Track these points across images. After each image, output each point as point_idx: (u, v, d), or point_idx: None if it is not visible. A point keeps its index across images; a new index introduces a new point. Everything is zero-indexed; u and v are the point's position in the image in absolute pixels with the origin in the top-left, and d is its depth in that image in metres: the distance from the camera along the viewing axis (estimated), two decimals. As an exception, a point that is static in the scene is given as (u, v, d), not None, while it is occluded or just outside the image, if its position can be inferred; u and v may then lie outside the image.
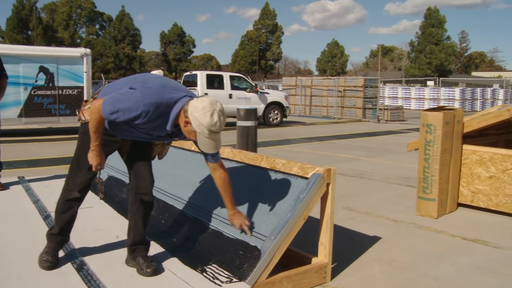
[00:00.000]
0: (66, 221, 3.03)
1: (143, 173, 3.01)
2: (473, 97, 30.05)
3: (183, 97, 2.66)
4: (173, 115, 2.64)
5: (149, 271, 2.87)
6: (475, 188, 4.94)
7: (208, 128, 2.53)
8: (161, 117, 2.63)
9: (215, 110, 2.55)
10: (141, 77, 2.81)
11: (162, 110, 2.60)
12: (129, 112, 2.55)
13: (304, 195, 2.91)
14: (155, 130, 2.74)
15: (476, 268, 3.47)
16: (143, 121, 2.60)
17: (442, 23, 62.36)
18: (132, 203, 3.04)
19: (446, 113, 4.69)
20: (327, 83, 23.30)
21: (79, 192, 2.98)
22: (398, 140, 12.69)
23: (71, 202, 3.00)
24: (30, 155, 9.01)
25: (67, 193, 3.00)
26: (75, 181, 2.97)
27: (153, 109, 2.56)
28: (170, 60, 72.69)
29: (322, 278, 3.10)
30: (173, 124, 2.67)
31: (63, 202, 3.01)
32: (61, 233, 3.06)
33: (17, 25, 56.83)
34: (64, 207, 3.01)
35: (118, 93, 2.64)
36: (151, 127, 2.69)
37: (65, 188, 3.02)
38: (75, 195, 2.98)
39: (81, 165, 2.94)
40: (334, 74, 66.46)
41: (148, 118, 2.58)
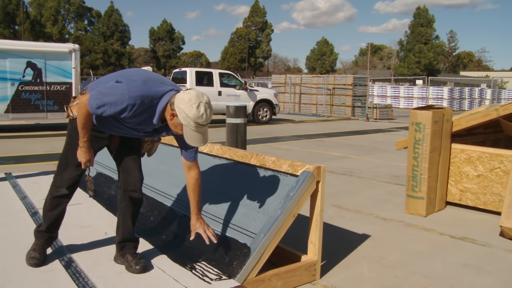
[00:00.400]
0: (54, 218, 3.00)
1: (132, 170, 2.99)
2: (461, 96, 30.28)
3: (170, 91, 2.64)
4: (159, 108, 2.62)
5: (138, 268, 2.85)
6: (463, 186, 4.98)
7: (194, 120, 2.49)
8: (147, 110, 2.61)
9: (201, 102, 2.52)
10: (127, 71, 2.79)
11: (148, 103, 2.58)
12: (115, 105, 2.52)
13: (293, 193, 2.91)
14: (142, 125, 2.71)
15: (464, 266, 3.49)
16: (129, 115, 2.57)
17: (431, 22, 62.73)
18: (121, 200, 3.02)
19: (435, 112, 4.71)
20: (317, 81, 23.33)
21: (67, 189, 2.96)
22: (387, 138, 12.75)
23: (59, 199, 2.98)
24: (17, 151, 8.92)
25: (55, 190, 2.97)
26: (63, 178, 2.94)
27: (139, 102, 2.54)
28: (159, 57, 72.35)
29: (312, 276, 3.10)
30: (160, 118, 2.65)
31: (51, 199, 2.98)
32: (49, 230, 3.02)
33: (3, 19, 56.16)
34: (52, 204, 2.98)
35: (104, 87, 2.62)
36: (138, 121, 2.66)
37: (53, 185, 2.99)
38: (63, 192, 2.96)
39: (70, 161, 2.91)
40: (323, 72, 66.58)
41: (134, 111, 2.55)
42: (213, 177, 3.63)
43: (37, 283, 2.67)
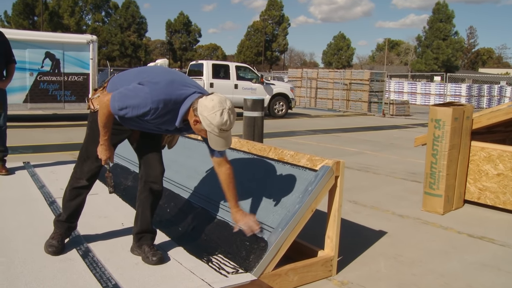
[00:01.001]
0: (73, 208, 3.02)
1: (153, 162, 3.00)
2: (480, 93, 29.85)
3: (193, 94, 2.64)
4: (182, 112, 2.62)
5: (155, 259, 2.86)
6: (482, 185, 4.91)
7: (218, 127, 2.51)
8: (170, 113, 2.62)
9: (224, 108, 2.51)
10: (150, 71, 2.78)
11: (171, 106, 2.59)
12: (138, 108, 2.53)
13: (312, 188, 2.89)
14: (164, 125, 2.72)
15: (482, 266, 3.44)
16: (152, 117, 2.59)
17: (450, 18, 62.03)
18: (141, 191, 3.02)
19: (455, 109, 4.64)
20: (333, 75, 23.18)
21: (87, 180, 2.98)
22: (404, 135, 12.64)
23: (79, 190, 3.00)
24: (35, 140, 9.01)
25: (75, 181, 2.99)
26: (83, 169, 2.96)
27: (162, 106, 2.54)
28: (176, 49, 72.58)
29: (328, 271, 3.08)
30: (182, 120, 2.66)
31: (70, 189, 3.01)
32: (69, 220, 3.05)
33: (23, 10, 56.80)
34: (72, 195, 3.00)
35: (126, 88, 2.62)
36: (160, 122, 2.67)
37: (73, 176, 3.01)
38: (83, 183, 2.98)
39: (90, 154, 2.93)
40: (339, 67, 66.25)
41: (157, 114, 2.57)
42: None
43: (54, 272, 2.69)
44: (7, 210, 3.85)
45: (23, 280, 2.57)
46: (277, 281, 2.80)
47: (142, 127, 2.84)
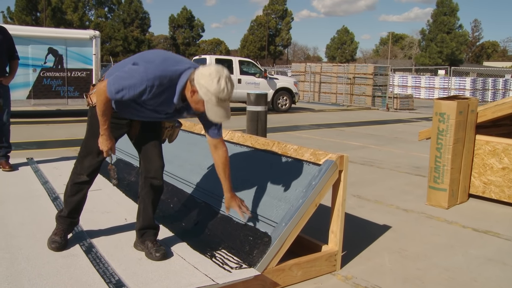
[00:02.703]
0: (75, 203, 3.01)
1: (153, 156, 2.97)
2: (484, 87, 29.69)
3: (188, 69, 2.60)
4: (179, 87, 2.58)
5: (158, 255, 2.85)
6: (487, 179, 4.88)
7: (215, 95, 2.45)
8: (167, 90, 2.58)
9: (221, 76, 2.47)
10: (143, 53, 2.76)
11: (167, 83, 2.55)
12: (134, 88, 2.50)
13: (316, 182, 2.87)
14: (163, 106, 2.68)
15: (487, 260, 3.42)
16: (149, 97, 2.55)
17: (454, 11, 61.64)
18: (142, 187, 3.01)
19: (460, 102, 4.61)
20: (337, 70, 23.12)
21: (88, 175, 2.96)
22: (408, 129, 12.60)
23: (80, 185, 2.98)
24: (38, 136, 9.02)
25: (76, 176, 2.98)
26: (83, 165, 2.95)
27: (157, 83, 2.51)
28: (179, 44, 72.48)
29: (332, 266, 3.07)
30: (180, 97, 2.62)
31: (71, 185, 2.99)
32: (71, 216, 3.04)
33: (26, 6, 56.79)
34: (73, 190, 2.99)
35: (121, 71, 2.60)
36: (158, 102, 2.64)
37: (74, 172, 3.00)
38: (84, 179, 2.96)
39: (90, 149, 2.91)
40: (343, 61, 66.06)
41: (153, 92, 2.53)
42: (234, 164, 3.59)
43: (58, 268, 2.69)
44: (11, 206, 3.85)
45: (27, 276, 2.57)
46: (281, 276, 2.79)
47: (142, 115, 2.80)
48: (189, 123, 4.62)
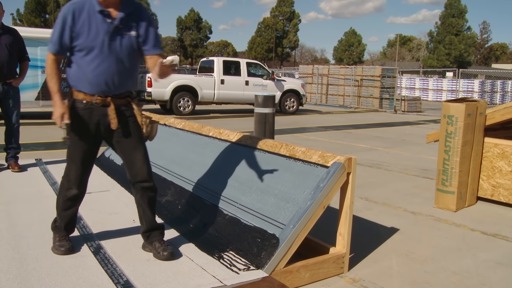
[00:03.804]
0: (69, 217, 3.03)
1: (136, 160, 2.94)
2: (493, 89, 29.50)
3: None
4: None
5: (166, 254, 2.86)
6: (496, 182, 4.85)
7: None
8: (83, 8, 2.70)
9: None
10: None
11: (78, 4, 2.71)
12: (58, 25, 2.69)
13: (324, 184, 2.87)
14: (98, 30, 2.71)
15: (496, 264, 3.40)
16: (75, 27, 2.69)
17: (463, 13, 61.35)
18: (135, 193, 3.02)
19: (468, 105, 4.59)
20: (344, 72, 23.08)
21: (77, 188, 2.94)
22: (416, 131, 12.55)
23: (72, 201, 2.98)
24: (47, 137, 9.07)
25: (66, 191, 2.96)
26: (70, 177, 2.93)
27: (72, 8, 2.69)
28: (187, 46, 72.62)
29: (340, 269, 3.07)
30: (98, 1, 2.71)
31: (64, 201, 2.98)
32: (68, 228, 3.05)
33: (35, 8, 57.21)
34: (65, 205, 2.99)
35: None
36: (88, 28, 2.70)
37: (63, 187, 2.98)
38: (74, 192, 2.94)
39: (72, 157, 2.91)
40: (351, 63, 65.93)
41: (71, 20, 2.68)
42: (242, 166, 3.61)
43: (66, 268, 2.70)
44: (20, 207, 3.87)
45: (36, 276, 2.59)
46: (289, 278, 2.79)
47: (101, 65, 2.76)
48: (197, 125, 4.63)
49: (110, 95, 2.82)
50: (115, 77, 2.82)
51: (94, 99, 2.80)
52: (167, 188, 4.11)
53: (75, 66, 2.79)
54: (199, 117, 14.38)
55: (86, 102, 2.81)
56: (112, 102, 2.83)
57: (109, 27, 2.73)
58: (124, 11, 2.76)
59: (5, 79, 5.13)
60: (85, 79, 2.78)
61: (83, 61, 2.76)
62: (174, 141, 4.78)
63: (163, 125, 5.17)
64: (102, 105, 2.82)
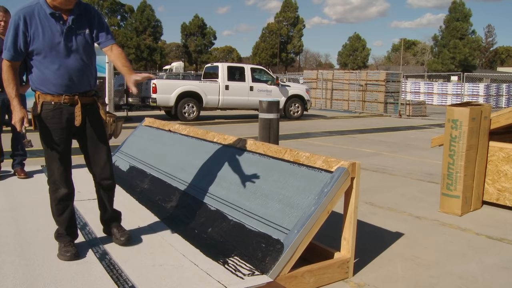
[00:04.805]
0: (67, 220, 3.07)
1: (100, 159, 3.12)
2: (498, 93, 29.41)
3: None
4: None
5: (123, 239, 3.16)
6: (501, 186, 4.84)
7: None
8: (33, 13, 2.77)
9: None
10: None
11: (27, 10, 2.76)
12: (10, 32, 2.74)
13: (328, 189, 2.88)
14: (53, 32, 2.80)
15: (502, 268, 3.39)
16: (29, 32, 2.75)
17: (467, 17, 61.28)
18: (97, 188, 3.24)
19: (472, 109, 4.59)
20: (349, 76, 23.08)
21: (65, 186, 3.00)
22: (420, 135, 12.53)
23: (64, 202, 3.03)
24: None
25: (55, 193, 3.01)
26: (55, 178, 2.98)
27: (22, 14, 2.75)
28: (191, 52, 72.87)
29: (345, 273, 3.07)
30: (48, 4, 2.78)
31: (56, 205, 3.03)
32: (69, 232, 3.09)
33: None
34: (59, 209, 3.03)
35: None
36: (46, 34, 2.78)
37: (51, 190, 3.03)
38: (63, 192, 3.00)
39: (51, 156, 2.98)
40: (355, 68, 65.90)
41: (23, 25, 2.74)
42: (246, 172, 3.62)
43: (72, 274, 2.72)
44: (26, 213, 3.90)
45: (42, 282, 2.61)
46: (293, 283, 2.79)
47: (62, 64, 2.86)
48: (201, 131, 4.65)
49: (76, 94, 2.94)
50: (77, 75, 2.93)
51: (62, 99, 2.90)
52: (172, 194, 4.13)
53: (37, 70, 2.88)
54: (204, 123, 14.41)
55: (55, 103, 2.91)
56: (79, 100, 2.95)
57: (62, 28, 2.84)
58: (74, 12, 2.87)
59: (11, 87, 5.16)
60: (49, 81, 2.88)
61: (43, 64, 2.85)
62: (179, 147, 4.80)
63: (168, 131, 5.19)
64: (70, 104, 2.93)
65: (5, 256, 2.95)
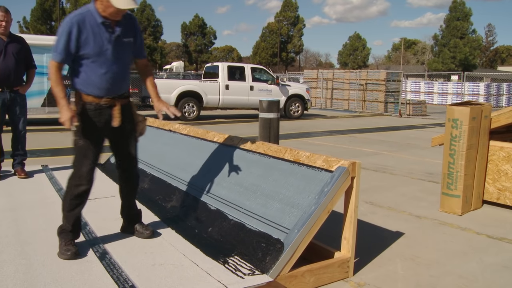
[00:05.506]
0: (76, 217, 3.12)
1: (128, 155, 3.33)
2: (499, 92, 29.41)
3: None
4: (91, 8, 2.95)
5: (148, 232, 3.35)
6: (501, 185, 4.84)
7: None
8: (85, 20, 2.92)
9: None
10: None
11: (80, 17, 2.91)
12: (63, 36, 2.88)
13: (328, 189, 2.87)
14: (102, 39, 2.97)
15: (503, 268, 3.39)
16: (81, 37, 2.90)
17: (467, 16, 61.21)
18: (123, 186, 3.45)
19: (473, 108, 4.59)
20: (349, 76, 23.09)
21: (87, 183, 3.08)
22: (421, 135, 12.53)
23: (81, 198, 3.09)
24: (52, 144, 9.11)
25: (75, 188, 3.07)
26: (82, 173, 3.06)
27: (75, 20, 2.89)
28: (191, 52, 72.88)
29: (345, 273, 3.06)
30: (99, 13, 2.93)
31: (71, 199, 3.08)
32: (75, 228, 3.12)
33: (41, 16, 57.62)
34: (73, 204, 3.08)
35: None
36: (93, 40, 2.93)
37: (73, 185, 3.08)
38: (84, 188, 3.07)
39: (87, 155, 3.08)
40: (355, 67, 65.91)
41: (77, 31, 2.89)
42: (246, 171, 3.62)
43: (73, 274, 2.72)
44: (26, 213, 3.90)
45: (42, 281, 2.61)
46: (294, 282, 2.79)
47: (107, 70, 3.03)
48: (201, 130, 4.65)
49: (115, 96, 3.10)
50: (119, 79, 3.13)
51: (102, 101, 3.06)
52: (172, 194, 4.13)
53: (83, 73, 3.03)
54: (204, 122, 14.41)
55: (96, 104, 3.06)
56: (117, 102, 3.12)
57: (111, 36, 3.01)
58: (122, 22, 3.03)
59: (12, 87, 5.17)
60: (94, 83, 3.03)
61: (90, 67, 3.01)
62: (179, 147, 4.80)
63: (168, 130, 5.19)
64: (109, 106, 3.09)
65: (5, 256, 2.96)
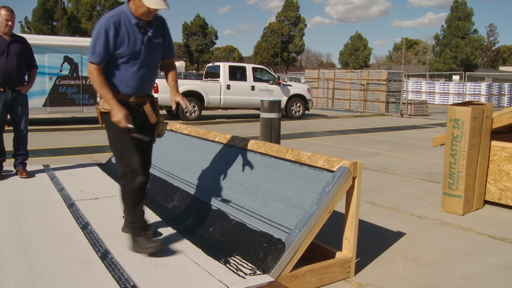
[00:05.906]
0: (142, 210, 3.15)
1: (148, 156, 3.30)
2: (500, 92, 29.38)
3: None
4: (125, 10, 2.97)
5: None
6: (503, 185, 4.84)
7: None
8: (120, 21, 2.93)
9: None
10: None
11: (116, 17, 2.93)
12: (101, 38, 2.87)
13: (330, 189, 2.87)
14: (136, 40, 2.99)
15: (504, 268, 3.39)
16: (118, 37, 2.91)
17: (469, 16, 61.15)
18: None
19: (474, 108, 4.58)
20: (350, 76, 23.08)
21: (143, 174, 3.11)
22: (422, 135, 12.52)
23: (141, 188, 3.11)
24: (54, 143, 9.13)
25: (134, 182, 3.06)
26: (133, 167, 3.04)
27: (112, 21, 2.90)
28: (193, 52, 72.84)
29: (346, 273, 3.06)
30: (133, 14, 2.95)
31: (133, 194, 3.08)
32: (144, 221, 3.15)
33: (42, 15, 57.65)
34: (137, 198, 3.10)
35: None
36: (127, 40, 2.95)
37: (129, 181, 3.07)
38: (142, 179, 3.09)
39: (128, 146, 3.04)
40: (356, 67, 65.88)
41: (114, 30, 2.89)
42: (247, 171, 3.63)
43: (74, 273, 2.72)
44: (28, 213, 3.90)
45: (44, 280, 2.61)
46: (295, 282, 2.79)
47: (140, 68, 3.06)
48: (203, 130, 4.66)
49: (143, 95, 3.14)
50: (149, 79, 3.18)
51: (130, 99, 3.07)
52: (173, 194, 4.13)
53: (115, 72, 3.03)
54: (206, 122, 14.41)
55: (125, 102, 3.04)
56: (146, 100, 3.15)
57: (144, 37, 3.03)
58: (154, 23, 3.08)
59: (14, 87, 5.18)
60: (125, 82, 3.04)
61: (123, 66, 3.02)
62: (181, 147, 4.81)
63: (170, 130, 5.19)
64: (136, 104, 3.10)
65: (7, 255, 2.96)
